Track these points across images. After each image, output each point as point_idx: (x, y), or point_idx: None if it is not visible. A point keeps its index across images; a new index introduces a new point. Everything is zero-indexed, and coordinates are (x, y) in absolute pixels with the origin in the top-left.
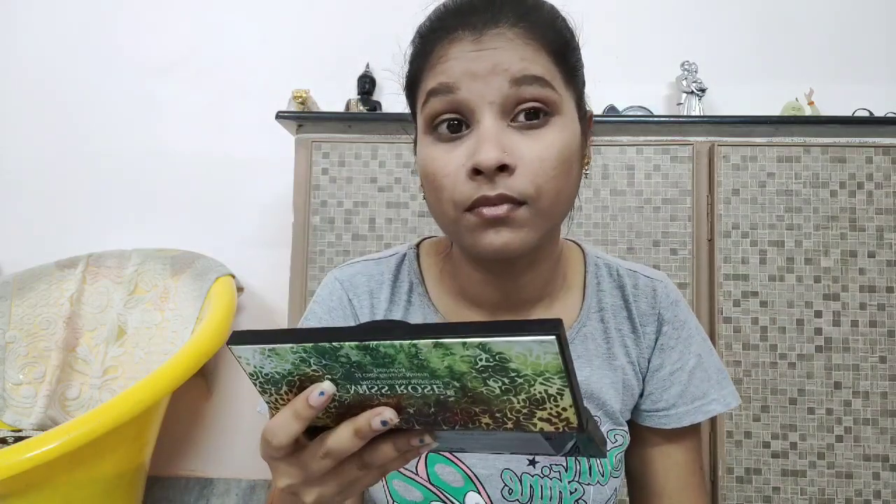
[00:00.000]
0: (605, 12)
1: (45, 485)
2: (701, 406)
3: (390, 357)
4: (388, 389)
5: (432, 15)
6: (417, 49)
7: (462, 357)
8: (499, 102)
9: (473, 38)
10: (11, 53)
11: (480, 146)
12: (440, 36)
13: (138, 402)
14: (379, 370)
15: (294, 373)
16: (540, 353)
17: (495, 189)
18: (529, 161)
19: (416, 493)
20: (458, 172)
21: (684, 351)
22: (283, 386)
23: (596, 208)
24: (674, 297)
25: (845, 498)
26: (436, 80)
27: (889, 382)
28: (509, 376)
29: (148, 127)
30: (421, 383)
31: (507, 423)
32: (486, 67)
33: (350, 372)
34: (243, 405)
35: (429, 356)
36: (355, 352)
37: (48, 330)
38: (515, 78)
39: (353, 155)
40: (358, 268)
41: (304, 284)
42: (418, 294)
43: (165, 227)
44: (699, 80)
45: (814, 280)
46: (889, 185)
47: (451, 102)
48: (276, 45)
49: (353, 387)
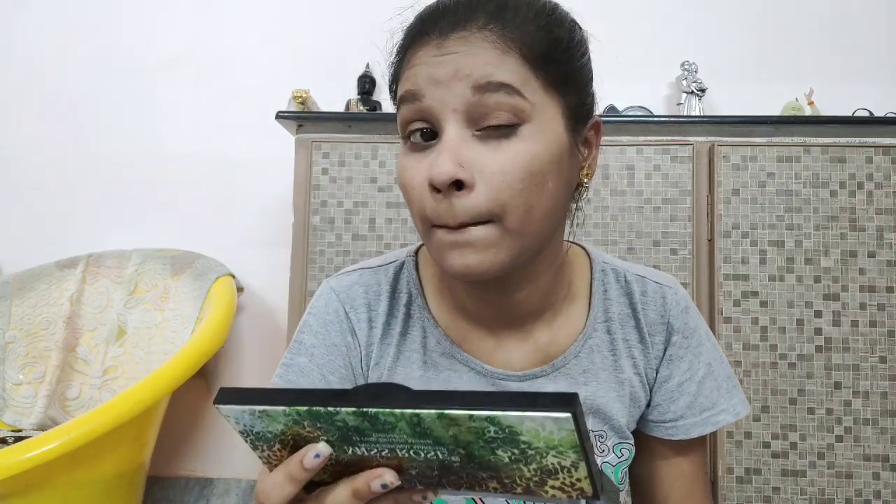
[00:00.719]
0: (605, 12)
1: (45, 485)
2: (710, 417)
3: (390, 424)
4: (389, 452)
5: (413, 19)
6: (395, 55)
7: (469, 428)
8: (462, 110)
9: (438, 42)
10: (11, 53)
11: (436, 159)
12: (412, 41)
13: (138, 402)
14: (378, 435)
15: (286, 433)
16: (554, 428)
17: (451, 209)
18: (489, 175)
19: None
20: (423, 185)
21: (693, 361)
22: (276, 444)
23: (596, 208)
24: (684, 305)
25: (845, 498)
26: (403, 87)
27: (889, 382)
28: (519, 447)
29: (148, 127)
30: (424, 448)
31: (516, 489)
32: (448, 73)
33: (347, 435)
34: None
35: (432, 425)
36: (353, 418)
37: (48, 330)
38: (478, 84)
39: (353, 155)
40: (354, 277)
41: (304, 284)
42: (417, 306)
43: (165, 227)
44: (699, 80)
45: (814, 280)
46: (889, 185)
47: (417, 110)
48: (276, 45)
49: (350, 448)
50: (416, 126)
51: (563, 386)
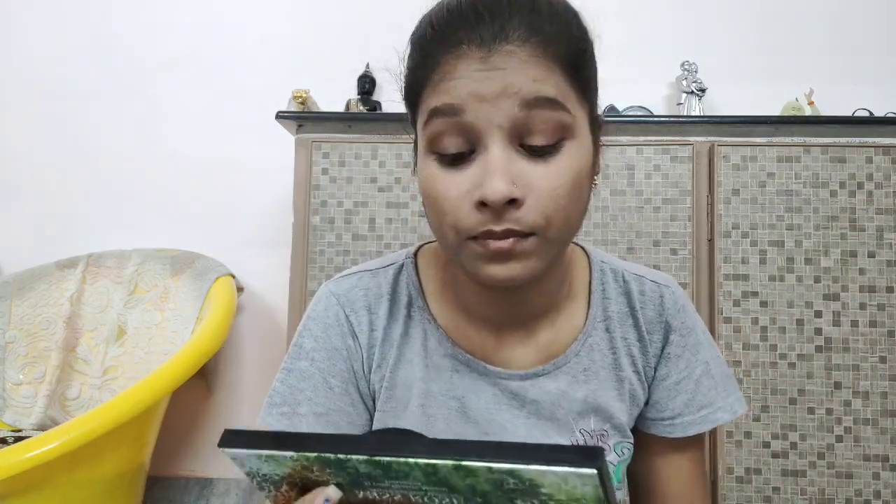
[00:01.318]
0: (605, 12)
1: (45, 485)
2: (707, 415)
3: (404, 472)
4: (402, 497)
5: (433, 20)
6: (417, 59)
7: (486, 479)
8: (507, 127)
9: (481, 56)
10: (11, 53)
11: (488, 177)
12: (444, 49)
13: (138, 402)
14: (391, 481)
15: (294, 476)
16: (577, 483)
17: (502, 224)
18: (539, 191)
19: None
20: (462, 199)
21: (691, 359)
22: (283, 485)
23: (596, 208)
24: (681, 304)
25: (845, 498)
26: (440, 100)
27: (889, 382)
28: (540, 499)
29: (148, 127)
30: (438, 496)
31: None
32: (495, 90)
33: (359, 480)
34: (243, 405)
35: (448, 475)
36: (364, 465)
37: (48, 330)
38: (527, 101)
39: (353, 155)
40: (354, 281)
41: (304, 284)
42: (418, 308)
43: (165, 227)
44: (699, 80)
45: (814, 280)
46: (889, 185)
47: (455, 125)
48: (276, 45)
49: (361, 493)
50: (452, 142)
51: (563, 384)
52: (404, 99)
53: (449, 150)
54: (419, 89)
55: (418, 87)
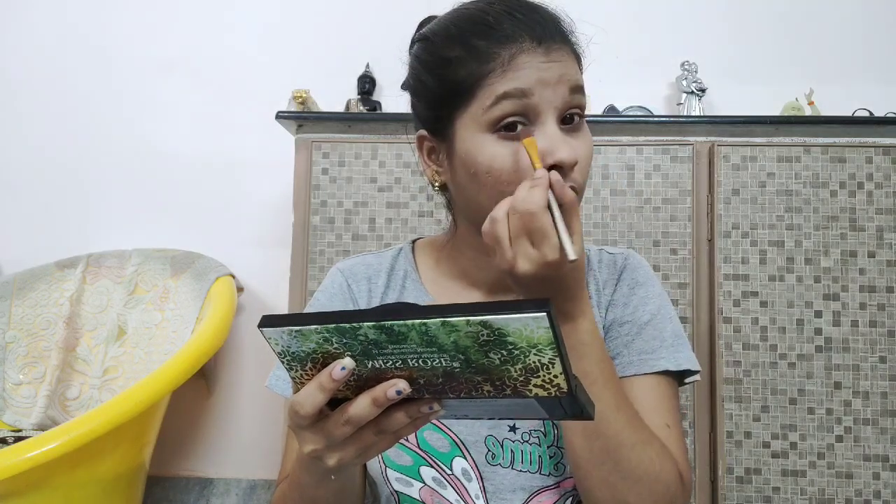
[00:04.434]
0: (605, 12)
1: (45, 485)
2: (647, 360)
3: (403, 335)
4: (402, 363)
5: (474, 20)
6: (463, 57)
7: (466, 333)
8: (559, 107)
9: (543, 51)
10: (11, 53)
11: (557, 146)
12: (501, 42)
13: (138, 402)
14: (393, 346)
15: (318, 351)
16: (533, 327)
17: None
18: (580, 158)
19: (406, 458)
20: (528, 169)
21: (637, 307)
22: (308, 363)
23: (596, 208)
24: (632, 263)
25: (845, 498)
26: (510, 85)
27: (889, 382)
28: (507, 349)
29: (148, 127)
30: (430, 357)
31: (505, 391)
32: (556, 76)
33: (367, 349)
34: (243, 405)
35: (437, 333)
36: (372, 331)
37: (48, 330)
38: (573, 87)
39: (353, 155)
40: (358, 259)
41: (304, 284)
42: (412, 280)
43: (165, 227)
44: (699, 80)
45: (814, 280)
46: (889, 185)
47: (523, 106)
48: (276, 45)
49: (369, 362)
50: (515, 119)
51: None
52: (419, 96)
53: (510, 129)
54: (470, 83)
55: (469, 81)
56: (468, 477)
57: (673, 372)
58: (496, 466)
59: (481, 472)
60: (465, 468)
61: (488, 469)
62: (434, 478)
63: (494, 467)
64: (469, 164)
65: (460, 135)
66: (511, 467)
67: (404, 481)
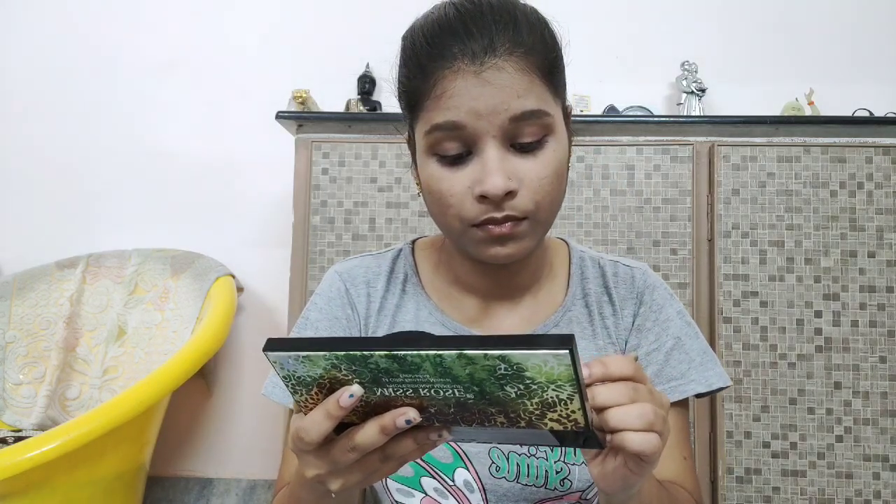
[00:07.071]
0: (606, 12)
1: (45, 485)
2: (678, 386)
3: (416, 365)
4: (412, 392)
5: (426, 34)
6: (414, 70)
7: (483, 366)
8: (500, 135)
9: (475, 71)
10: (11, 53)
11: (487, 175)
12: (440, 65)
13: (138, 402)
14: (405, 375)
15: (325, 376)
16: (554, 364)
17: (501, 211)
18: (529, 181)
19: (407, 469)
20: (464, 194)
21: (661, 333)
22: (314, 388)
23: (596, 208)
24: (651, 283)
25: (845, 498)
26: (442, 117)
27: (889, 382)
28: (524, 383)
29: (148, 127)
30: (443, 387)
31: (520, 423)
32: (488, 107)
33: (377, 376)
34: (243, 405)
35: (452, 365)
36: (384, 360)
37: (48, 330)
38: (514, 116)
39: (353, 155)
40: (356, 262)
41: (304, 284)
42: (412, 284)
43: (165, 227)
44: (699, 80)
45: (814, 280)
46: (889, 185)
47: (457, 136)
48: (276, 45)
49: (379, 389)
50: (452, 147)
51: None
52: (399, 99)
53: (449, 154)
54: (417, 100)
55: (416, 97)
56: (470, 488)
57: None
58: (500, 479)
59: (484, 484)
60: (467, 479)
61: (491, 481)
62: (436, 488)
63: (499, 480)
64: (423, 185)
65: (418, 145)
66: (516, 481)
67: (405, 492)
